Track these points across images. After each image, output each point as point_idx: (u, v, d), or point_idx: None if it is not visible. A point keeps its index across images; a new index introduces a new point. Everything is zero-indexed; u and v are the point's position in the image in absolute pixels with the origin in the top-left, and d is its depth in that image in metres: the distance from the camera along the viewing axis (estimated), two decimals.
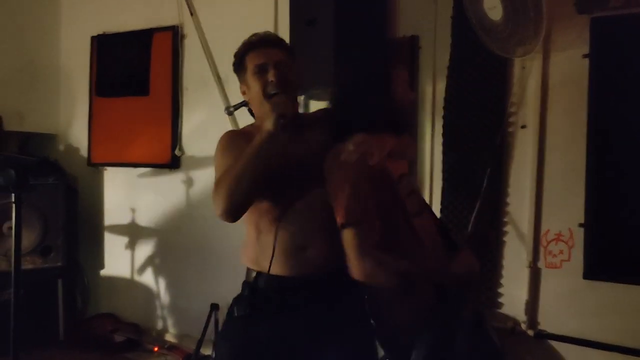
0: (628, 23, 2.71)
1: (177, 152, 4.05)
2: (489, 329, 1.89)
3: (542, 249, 2.93)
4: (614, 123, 2.75)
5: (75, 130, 4.57)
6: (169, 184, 4.12)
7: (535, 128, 2.93)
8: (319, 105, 2.47)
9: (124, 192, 4.35)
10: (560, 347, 2.89)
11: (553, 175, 2.91)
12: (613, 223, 2.75)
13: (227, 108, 3.38)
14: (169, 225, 4.16)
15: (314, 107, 3.27)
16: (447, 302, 1.74)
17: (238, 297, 1.91)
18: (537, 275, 2.95)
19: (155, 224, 4.23)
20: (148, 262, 4.28)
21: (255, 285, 1.86)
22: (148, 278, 4.27)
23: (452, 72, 3.09)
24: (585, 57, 2.78)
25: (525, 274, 2.94)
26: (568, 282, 2.86)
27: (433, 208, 2.73)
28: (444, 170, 3.11)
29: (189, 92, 4.04)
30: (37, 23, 4.50)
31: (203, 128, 3.97)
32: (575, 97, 2.81)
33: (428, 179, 3.20)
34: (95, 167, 4.46)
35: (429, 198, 3.15)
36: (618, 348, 2.71)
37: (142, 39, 4.17)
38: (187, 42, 4.02)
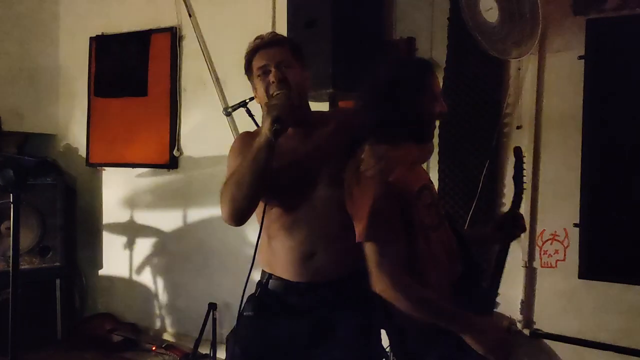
0: (623, 25, 2.72)
1: (175, 152, 4.07)
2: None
3: (537, 249, 2.94)
4: (609, 124, 2.77)
5: (74, 131, 4.58)
6: (167, 185, 4.13)
7: (531, 129, 2.95)
8: (317, 107, 2.47)
9: (123, 192, 4.36)
10: (556, 346, 2.91)
11: (548, 176, 2.93)
12: (608, 223, 2.76)
13: (225, 109, 3.40)
14: (167, 226, 4.18)
15: (312, 108, 3.28)
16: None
17: (250, 297, 1.92)
18: (532, 275, 2.97)
19: (154, 224, 4.24)
20: (146, 262, 4.29)
21: (266, 287, 1.88)
22: (146, 278, 4.28)
23: (448, 73, 3.10)
24: (581, 58, 2.80)
25: (521, 274, 2.96)
26: (563, 281, 2.88)
27: None
28: (440, 171, 3.12)
29: (187, 92, 4.06)
30: (36, 24, 4.51)
31: (201, 129, 3.98)
32: (571, 98, 2.83)
33: None
34: (94, 167, 4.47)
35: None
36: (613, 347, 2.73)
37: (140, 40, 4.18)
38: (185, 43, 4.04)
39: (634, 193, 2.70)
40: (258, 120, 3.24)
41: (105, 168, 4.45)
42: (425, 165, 3.20)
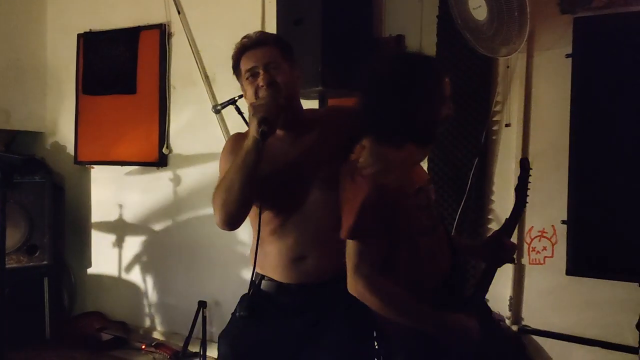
0: (610, 23, 2.74)
1: (164, 150, 4.05)
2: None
3: (525, 246, 2.96)
4: (597, 122, 2.78)
5: (62, 128, 4.55)
6: (157, 182, 4.11)
7: (519, 126, 2.96)
8: (306, 105, 2.46)
9: (111, 190, 4.34)
10: (544, 342, 2.93)
11: (536, 173, 2.90)
12: (595, 220, 2.78)
13: (214, 106, 3.40)
14: (157, 224, 4.16)
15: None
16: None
17: (242, 297, 1.92)
18: (521, 272, 2.98)
19: (143, 222, 4.22)
20: (135, 260, 4.27)
21: (258, 288, 1.88)
22: (135, 276, 4.27)
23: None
24: (568, 56, 2.82)
25: (510, 271, 2.97)
26: (551, 278, 2.89)
27: None
28: (429, 169, 3.13)
29: (177, 90, 4.04)
30: (23, 20, 4.47)
31: (190, 126, 3.97)
32: (559, 96, 2.85)
33: None
34: (82, 165, 4.44)
35: None
36: (600, 343, 2.75)
37: (129, 37, 4.15)
38: (174, 40, 4.02)
39: (621, 190, 2.72)
40: (247, 118, 3.24)
41: (94, 166, 4.42)
42: None
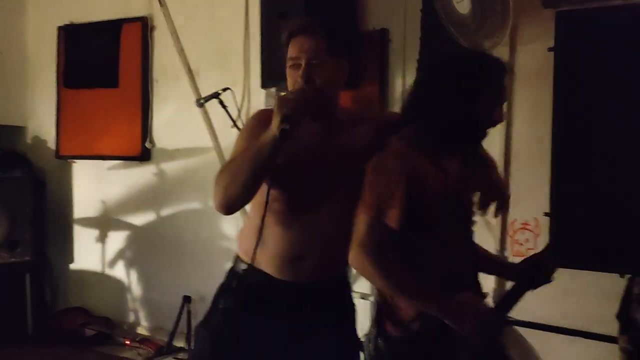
0: (593, 17, 2.76)
1: (147, 144, 4.02)
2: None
3: (509, 238, 2.99)
4: (579, 115, 2.81)
5: (43, 123, 4.49)
6: (140, 177, 4.08)
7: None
8: None
9: (94, 185, 4.30)
10: (527, 332, 2.96)
11: (519, 166, 2.96)
12: (577, 212, 2.82)
13: (197, 100, 3.37)
14: (140, 218, 4.13)
15: None
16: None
17: (225, 288, 1.84)
18: None
19: (126, 217, 4.19)
20: (119, 255, 4.24)
21: (243, 279, 1.79)
22: (119, 271, 4.24)
23: (421, 64, 3.11)
24: (551, 50, 2.83)
25: None
26: None
27: None
28: None
29: (159, 84, 4.01)
30: (2, 13, 4.40)
31: (174, 120, 3.94)
32: (541, 89, 2.86)
33: None
34: (64, 159, 4.39)
35: None
36: (581, 333, 2.79)
37: (110, 30, 4.11)
38: (156, 33, 3.98)
39: (603, 183, 2.75)
40: (231, 112, 3.23)
41: (76, 161, 4.38)
42: None
